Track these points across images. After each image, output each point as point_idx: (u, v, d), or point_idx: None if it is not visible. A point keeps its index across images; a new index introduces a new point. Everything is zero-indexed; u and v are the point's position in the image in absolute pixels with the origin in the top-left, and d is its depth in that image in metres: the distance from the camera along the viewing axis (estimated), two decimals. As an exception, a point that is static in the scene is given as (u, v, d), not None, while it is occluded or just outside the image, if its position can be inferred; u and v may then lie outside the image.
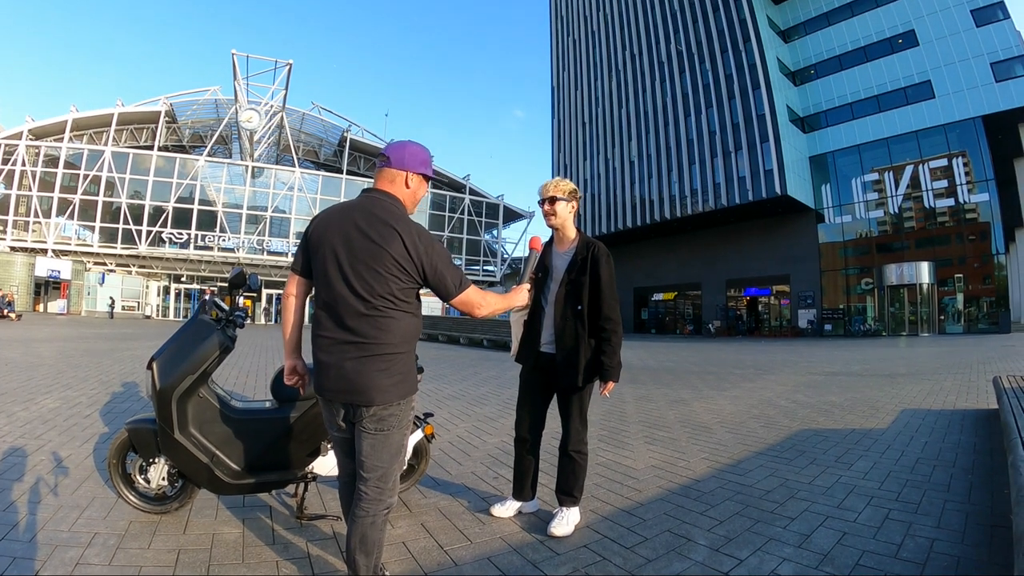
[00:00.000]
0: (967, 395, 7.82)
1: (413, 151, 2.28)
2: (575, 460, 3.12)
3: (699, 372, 11.80)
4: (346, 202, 2.27)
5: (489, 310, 2.37)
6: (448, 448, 4.92)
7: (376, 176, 2.31)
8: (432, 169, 2.35)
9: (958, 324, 28.72)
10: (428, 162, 2.33)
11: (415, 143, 2.32)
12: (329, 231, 2.18)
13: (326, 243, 2.16)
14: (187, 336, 2.91)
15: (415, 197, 2.32)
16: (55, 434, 4.86)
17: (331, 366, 2.13)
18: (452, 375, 10.70)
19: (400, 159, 2.25)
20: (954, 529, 3.01)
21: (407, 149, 2.28)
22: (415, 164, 2.27)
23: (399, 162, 2.25)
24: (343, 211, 2.22)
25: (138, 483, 3.06)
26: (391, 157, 2.26)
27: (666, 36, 38.70)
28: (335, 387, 2.14)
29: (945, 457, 4.53)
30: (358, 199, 2.26)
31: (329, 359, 2.14)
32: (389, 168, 2.26)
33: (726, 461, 4.52)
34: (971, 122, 28.13)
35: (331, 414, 2.24)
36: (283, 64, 44.20)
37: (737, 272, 36.25)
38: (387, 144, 2.31)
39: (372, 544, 2.14)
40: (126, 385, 7.73)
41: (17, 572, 2.38)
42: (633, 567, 2.62)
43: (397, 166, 2.25)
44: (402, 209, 2.23)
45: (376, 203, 2.20)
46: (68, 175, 43.91)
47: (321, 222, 2.25)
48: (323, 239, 2.18)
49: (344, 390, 2.12)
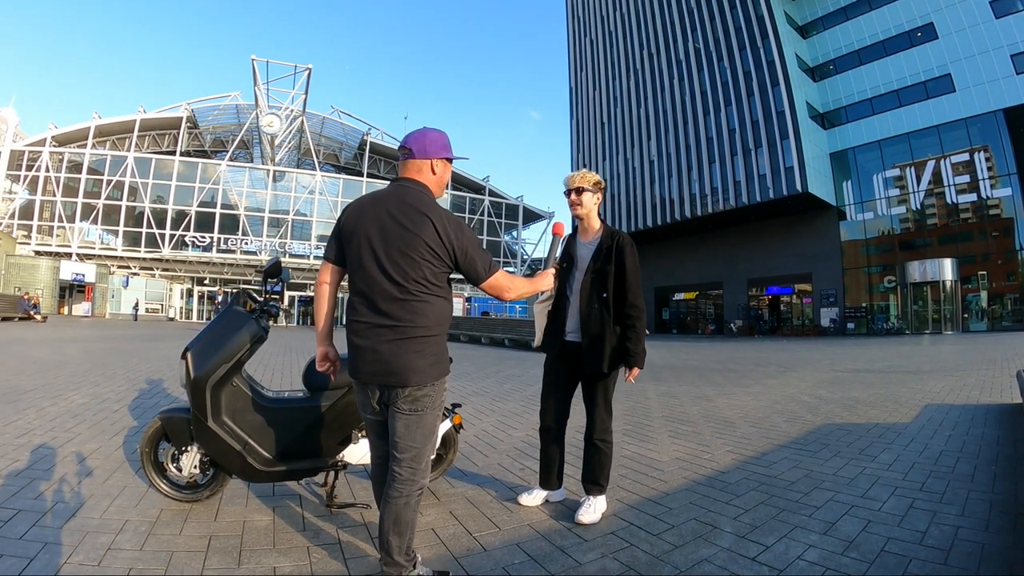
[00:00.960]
0: (991, 391, 7.72)
1: (433, 138, 2.33)
2: (600, 449, 3.14)
3: (721, 370, 11.75)
4: (378, 191, 2.33)
5: (516, 293, 2.42)
6: (474, 441, 4.96)
7: (402, 168, 2.36)
8: (451, 151, 2.40)
9: (982, 322, 28.19)
10: (448, 145, 2.37)
11: (432, 129, 2.36)
12: (363, 219, 2.23)
13: (360, 231, 2.21)
14: (221, 326, 2.97)
15: (442, 182, 2.38)
16: (84, 428, 4.95)
17: (367, 350, 2.18)
18: (475, 373, 10.76)
19: (423, 148, 2.30)
20: (978, 517, 3.01)
21: (427, 137, 2.33)
22: (437, 150, 2.32)
23: (422, 151, 2.30)
24: (375, 200, 2.27)
25: (170, 471, 3.11)
26: (414, 148, 2.31)
27: (683, 34, 38.43)
28: (371, 370, 2.18)
29: (969, 449, 4.50)
30: (389, 188, 2.32)
31: (365, 343, 2.18)
32: (414, 160, 2.31)
33: (750, 454, 4.52)
34: (992, 115, 27.57)
35: (366, 397, 2.28)
36: (302, 69, 44.75)
37: (758, 271, 35.87)
38: (406, 136, 2.36)
39: (405, 525, 2.18)
40: (153, 382, 7.86)
41: (48, 556, 2.43)
42: (660, 552, 2.64)
43: (421, 156, 2.30)
44: (431, 196, 2.28)
45: (407, 192, 2.25)
46: (91, 180, 44.77)
47: (354, 211, 2.30)
48: (357, 227, 2.23)
49: (381, 372, 2.16)
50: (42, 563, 2.36)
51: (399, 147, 2.38)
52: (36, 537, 2.61)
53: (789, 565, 2.48)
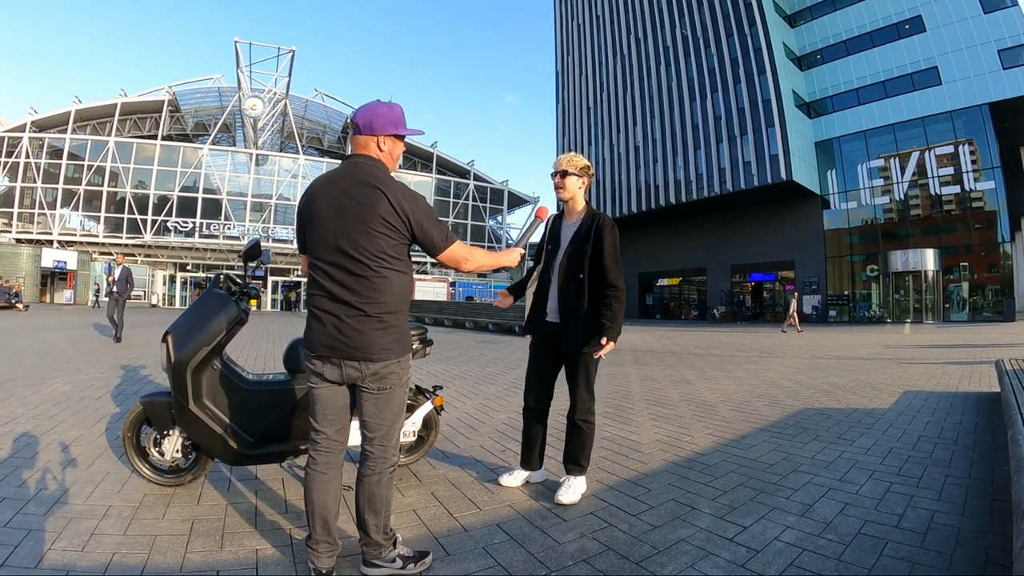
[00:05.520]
0: (970, 379, 7.85)
1: (381, 113, 2.27)
2: (582, 429, 3.18)
3: (703, 354, 11.86)
4: (331, 171, 2.31)
5: (475, 264, 2.39)
6: (456, 424, 4.99)
7: (351, 143, 2.33)
8: (405, 125, 2.34)
9: (963, 312, 28.59)
10: (399, 120, 2.31)
11: (382, 104, 2.30)
12: (317, 199, 2.22)
13: (316, 211, 2.21)
14: (201, 309, 2.95)
15: (392, 157, 2.33)
16: (67, 415, 4.92)
17: (327, 324, 2.15)
18: (458, 356, 10.79)
19: (368, 124, 2.25)
20: (955, 502, 3.06)
21: (374, 112, 2.26)
22: (384, 126, 2.26)
23: (368, 127, 2.25)
24: (329, 180, 2.26)
25: (152, 456, 3.11)
26: (360, 124, 2.27)
27: (671, 20, 38.29)
28: (331, 344, 2.15)
29: (947, 436, 4.58)
30: (342, 166, 2.29)
31: (327, 317, 2.16)
32: (359, 136, 2.28)
33: (730, 436, 4.58)
34: (978, 109, 27.84)
35: (318, 376, 2.22)
36: (286, 51, 44.29)
37: (742, 258, 36.11)
38: (356, 109, 2.34)
39: (380, 503, 2.20)
40: (136, 369, 7.82)
41: (32, 543, 2.42)
42: (639, 532, 2.67)
43: (367, 132, 2.26)
44: (384, 170, 2.25)
45: (359, 167, 2.22)
46: (72, 166, 44.08)
47: (309, 194, 2.29)
48: (313, 208, 2.22)
49: (343, 347, 2.14)
50: (26, 549, 2.35)
51: (350, 120, 2.33)
52: (20, 524, 2.60)
53: (766, 546, 2.51)
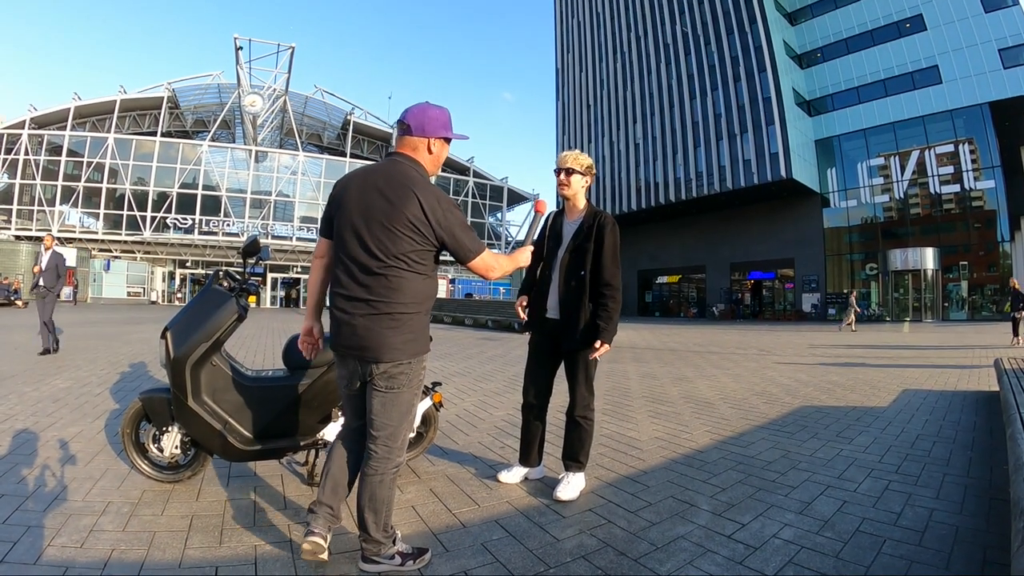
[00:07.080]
0: (968, 378, 7.85)
1: (433, 115, 2.27)
2: (581, 426, 3.18)
3: (702, 352, 11.86)
4: (370, 164, 2.29)
5: (501, 272, 2.41)
6: (455, 420, 4.99)
7: (397, 143, 2.31)
8: (452, 129, 2.34)
9: (962, 311, 28.65)
10: (448, 123, 2.31)
11: (434, 106, 2.30)
12: (349, 191, 2.22)
13: (346, 203, 2.20)
14: (201, 305, 2.95)
15: (438, 161, 2.33)
16: (66, 412, 4.92)
17: (344, 323, 2.18)
18: (458, 354, 10.80)
19: (420, 126, 2.24)
20: (953, 500, 3.06)
21: (427, 114, 2.26)
22: (435, 128, 2.26)
23: (420, 129, 2.24)
24: (365, 173, 2.25)
25: (151, 452, 3.10)
26: (412, 125, 2.25)
27: (671, 17, 38.28)
28: (347, 343, 2.18)
29: (945, 434, 4.58)
30: (382, 162, 2.28)
31: (343, 316, 2.18)
32: (410, 136, 2.26)
33: (728, 434, 4.58)
34: (978, 108, 27.87)
35: (345, 370, 2.28)
36: (285, 48, 44.13)
37: (741, 256, 36.15)
38: (406, 110, 2.30)
39: (380, 502, 2.20)
40: (135, 366, 7.81)
41: (31, 539, 2.42)
42: (637, 529, 2.67)
43: (418, 133, 2.25)
44: (423, 173, 2.25)
45: (398, 166, 2.22)
46: (71, 163, 43.98)
47: (343, 183, 2.28)
48: (344, 199, 2.22)
49: (355, 346, 2.16)
50: (25, 546, 2.35)
51: (397, 121, 2.31)
52: (19, 521, 2.60)
53: (764, 543, 2.52)
